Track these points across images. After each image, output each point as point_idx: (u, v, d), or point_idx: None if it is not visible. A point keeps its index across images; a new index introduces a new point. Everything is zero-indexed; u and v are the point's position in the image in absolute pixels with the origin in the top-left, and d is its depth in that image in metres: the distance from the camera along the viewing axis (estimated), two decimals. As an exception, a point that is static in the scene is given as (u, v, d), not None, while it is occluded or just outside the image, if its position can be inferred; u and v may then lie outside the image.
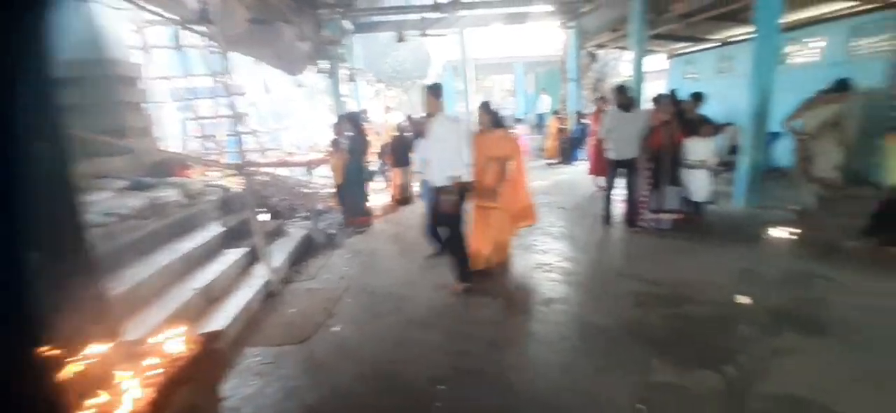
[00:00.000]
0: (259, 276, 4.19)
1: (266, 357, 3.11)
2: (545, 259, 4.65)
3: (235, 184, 6.14)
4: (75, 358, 1.40)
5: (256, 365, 3.02)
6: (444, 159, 3.71)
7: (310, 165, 7.28)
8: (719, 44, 10.04)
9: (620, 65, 13.68)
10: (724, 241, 4.77)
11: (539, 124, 14.09)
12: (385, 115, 11.57)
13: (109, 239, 3.51)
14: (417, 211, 7.32)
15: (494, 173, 4.02)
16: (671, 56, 11.83)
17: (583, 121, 11.16)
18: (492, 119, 4.09)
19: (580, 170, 9.86)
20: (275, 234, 5.56)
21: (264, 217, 5.42)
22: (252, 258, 4.48)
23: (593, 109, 9.04)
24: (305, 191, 7.60)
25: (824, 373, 2.52)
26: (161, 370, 1.32)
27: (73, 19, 4.71)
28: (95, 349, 1.42)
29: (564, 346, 3.03)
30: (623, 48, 11.73)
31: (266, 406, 2.59)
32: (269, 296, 4.09)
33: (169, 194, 4.68)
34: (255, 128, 11.20)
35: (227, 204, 5.54)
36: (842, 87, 4.83)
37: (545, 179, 9.25)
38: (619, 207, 5.65)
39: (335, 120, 7.75)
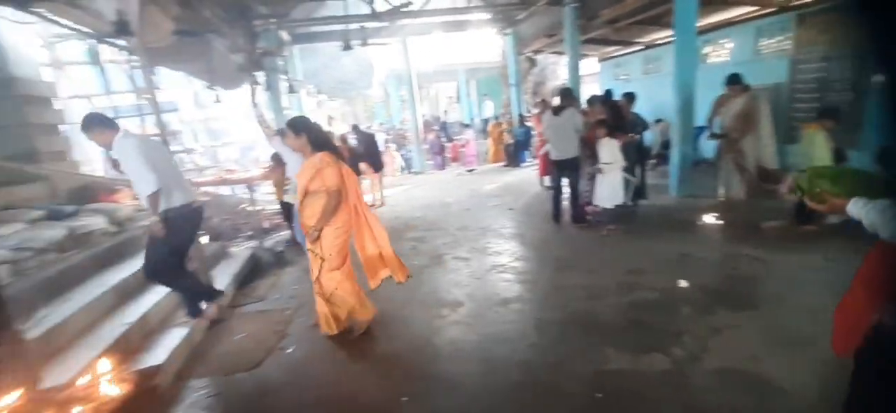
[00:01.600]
0: (200, 304, 3.91)
1: (214, 387, 2.90)
2: (499, 260, 4.73)
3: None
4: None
5: (203, 398, 2.80)
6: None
7: (251, 182, 6.92)
8: (645, 47, 10.75)
9: (559, 69, 14.26)
10: (662, 230, 5.09)
11: (485, 130, 14.38)
12: (328, 126, 11.28)
13: (23, 276, 3.14)
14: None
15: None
16: (602, 59, 12.53)
17: (527, 123, 11.52)
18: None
19: (527, 172, 10.16)
20: (217, 256, 5.23)
21: (204, 239, 5.08)
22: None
23: (536, 112, 9.36)
24: (248, 209, 7.23)
25: (756, 343, 2.74)
26: (91, 416, 1.19)
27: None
28: (6, 400, 1.26)
29: (523, 344, 3.07)
30: (559, 53, 12.25)
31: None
32: (215, 323, 3.83)
33: (93, 222, 4.29)
34: (189, 146, 10.56)
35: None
36: (735, 81, 5.30)
37: (494, 183, 9.44)
38: (566, 205, 5.85)
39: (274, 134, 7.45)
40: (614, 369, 2.67)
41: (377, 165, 8.43)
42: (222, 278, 4.53)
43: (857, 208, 1.41)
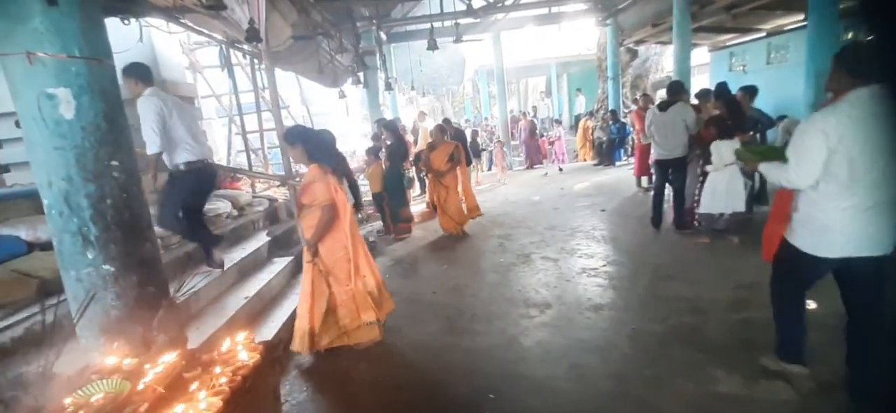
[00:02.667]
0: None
1: (316, 362, 3.16)
2: (590, 264, 4.53)
3: (280, 195, 6.36)
4: (152, 365, 1.46)
5: (307, 370, 3.07)
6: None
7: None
8: (767, 34, 9.51)
9: (662, 60, 13.19)
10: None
11: (576, 126, 13.85)
12: (420, 122, 11.64)
13: (167, 251, 3.70)
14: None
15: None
16: (715, 49, 11.33)
17: (622, 120, 10.84)
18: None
19: (622, 172, 9.58)
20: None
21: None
22: (297, 266, 4.60)
23: (634, 108, 8.76)
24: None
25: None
26: (227, 379, 1.36)
27: (133, 44, 5.04)
28: (167, 357, 1.49)
29: (614, 354, 2.91)
30: (664, 43, 11.32)
31: (318, 412, 2.63)
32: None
33: (220, 206, 4.89)
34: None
35: (274, 214, 5.74)
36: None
37: (585, 182, 9.04)
38: (668, 209, 5.42)
39: (374, 129, 7.90)
40: (724, 393, 2.42)
41: (466, 160, 8.52)
42: (323, 262, 4.92)
43: (762, 168, 2.38)
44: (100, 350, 1.63)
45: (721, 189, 4.66)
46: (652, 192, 5.62)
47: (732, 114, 4.85)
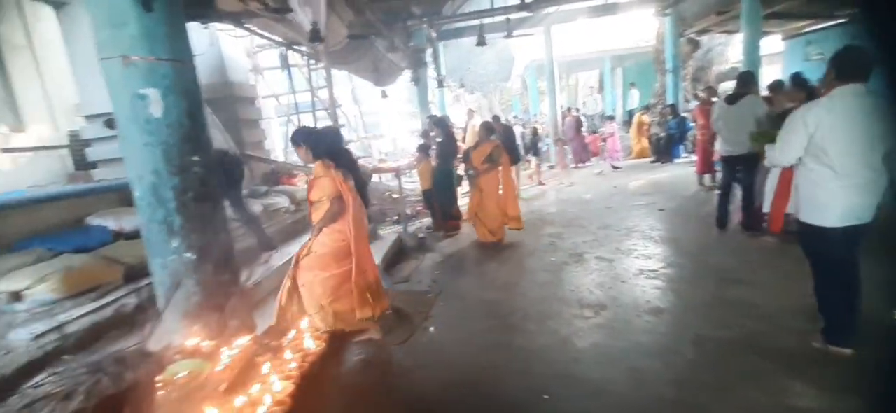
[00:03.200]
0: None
1: (367, 353, 3.23)
2: (648, 265, 4.33)
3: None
4: (225, 348, 1.56)
5: (357, 362, 3.13)
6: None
7: (399, 171, 7.54)
8: (849, 18, 8.65)
9: (728, 50, 12.36)
10: (870, 246, 4.06)
11: (630, 121, 13.30)
12: (469, 119, 11.63)
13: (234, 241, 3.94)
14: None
15: None
16: (788, 37, 10.46)
17: (682, 115, 10.28)
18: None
19: (682, 169, 9.10)
20: (370, 237, 5.83)
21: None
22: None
23: (696, 102, 8.27)
24: (395, 196, 7.90)
25: None
26: (296, 365, 1.42)
27: (204, 48, 5.41)
28: (241, 341, 1.58)
29: (676, 359, 2.77)
30: (731, 31, 10.59)
31: (370, 404, 2.69)
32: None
33: (279, 201, 5.15)
34: (349, 138, 11.96)
35: (328, 209, 5.96)
36: None
37: (640, 179, 8.66)
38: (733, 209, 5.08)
39: (423, 126, 7.99)
40: (803, 407, 2.23)
41: (515, 158, 8.41)
42: (375, 257, 5.04)
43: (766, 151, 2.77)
44: (181, 332, 1.76)
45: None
46: (716, 191, 5.28)
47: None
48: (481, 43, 8.04)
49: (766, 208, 4.55)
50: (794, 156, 2.54)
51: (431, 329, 3.56)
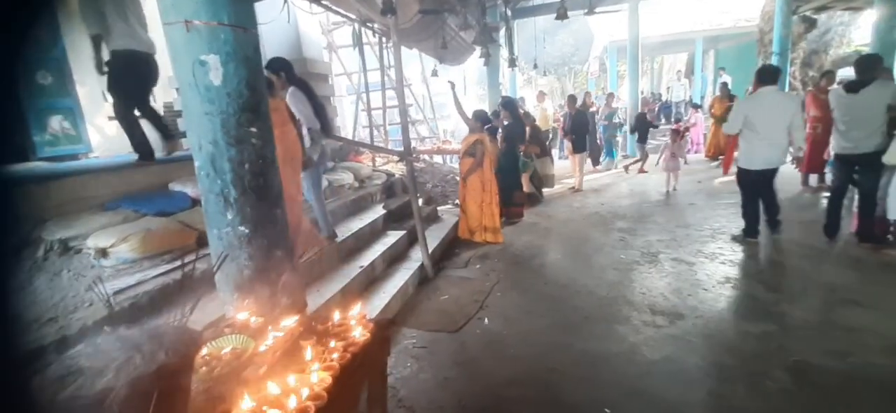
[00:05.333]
0: (415, 259, 4.37)
1: (420, 341, 3.17)
2: (734, 273, 3.84)
3: (398, 170, 6.59)
4: (272, 327, 1.51)
5: (412, 348, 3.10)
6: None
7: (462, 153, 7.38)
8: None
9: (851, 31, 10.64)
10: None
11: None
12: (540, 102, 11.14)
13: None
14: (574, 204, 6.90)
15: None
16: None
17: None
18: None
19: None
20: (430, 219, 5.78)
21: (419, 202, 5.68)
22: (410, 241, 4.71)
23: (810, 89, 7.20)
24: (458, 178, 7.78)
25: None
26: (339, 354, 1.34)
27: (281, 24, 5.56)
28: (287, 322, 1.52)
29: (773, 388, 2.38)
30: (856, 8, 9.07)
31: (421, 392, 2.61)
32: (424, 280, 4.23)
33: (344, 178, 5.21)
34: (417, 117, 12.00)
35: (390, 188, 5.97)
36: None
37: (729, 176, 7.76)
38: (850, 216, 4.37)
39: (493, 108, 7.75)
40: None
41: (580, 146, 7.91)
42: (432, 240, 4.96)
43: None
44: (233, 305, 1.77)
45: None
46: (825, 194, 4.56)
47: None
48: (562, 16, 7.52)
49: (890, 215, 3.84)
50: (737, 127, 4.26)
51: (486, 320, 3.41)
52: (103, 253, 2.57)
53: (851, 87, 4.03)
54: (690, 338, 2.92)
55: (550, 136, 10.68)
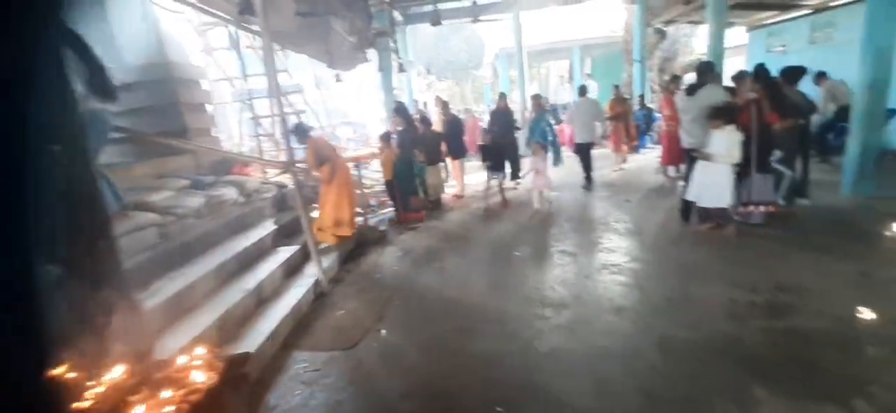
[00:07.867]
0: (309, 276, 4.11)
1: (314, 364, 2.97)
2: (611, 259, 4.20)
3: (289, 181, 6.17)
4: (93, 381, 1.25)
5: (303, 372, 2.89)
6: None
7: (360, 161, 7.18)
8: (813, 10, 8.81)
9: (692, 41, 12.48)
10: (830, 239, 4.06)
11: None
12: (436, 107, 11.28)
13: (166, 239, 3.54)
14: (467, 208, 7.04)
15: None
16: (752, 28, 10.60)
17: (649, 105, 10.30)
18: None
19: (648, 158, 9.10)
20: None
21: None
22: (305, 256, 4.41)
23: (665, 90, 8.23)
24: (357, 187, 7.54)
25: None
26: (175, 407, 1.14)
27: (136, 24, 4.87)
28: (114, 372, 1.27)
29: (640, 365, 2.61)
30: (696, 22, 10.65)
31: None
32: (319, 296, 4.00)
33: (226, 193, 4.72)
34: (311, 125, 11.41)
35: (282, 201, 5.57)
36: None
37: (605, 169, 8.59)
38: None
39: (388, 114, 7.63)
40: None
41: (458, 151, 7.69)
42: (331, 252, 4.72)
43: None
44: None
45: (708, 182, 4.32)
46: (680, 182, 5.22)
47: (772, 98, 4.39)
48: (436, 23, 7.65)
49: (692, 198, 4.51)
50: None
51: (383, 332, 3.31)
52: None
53: (690, 90, 4.69)
54: (573, 327, 3.12)
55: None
